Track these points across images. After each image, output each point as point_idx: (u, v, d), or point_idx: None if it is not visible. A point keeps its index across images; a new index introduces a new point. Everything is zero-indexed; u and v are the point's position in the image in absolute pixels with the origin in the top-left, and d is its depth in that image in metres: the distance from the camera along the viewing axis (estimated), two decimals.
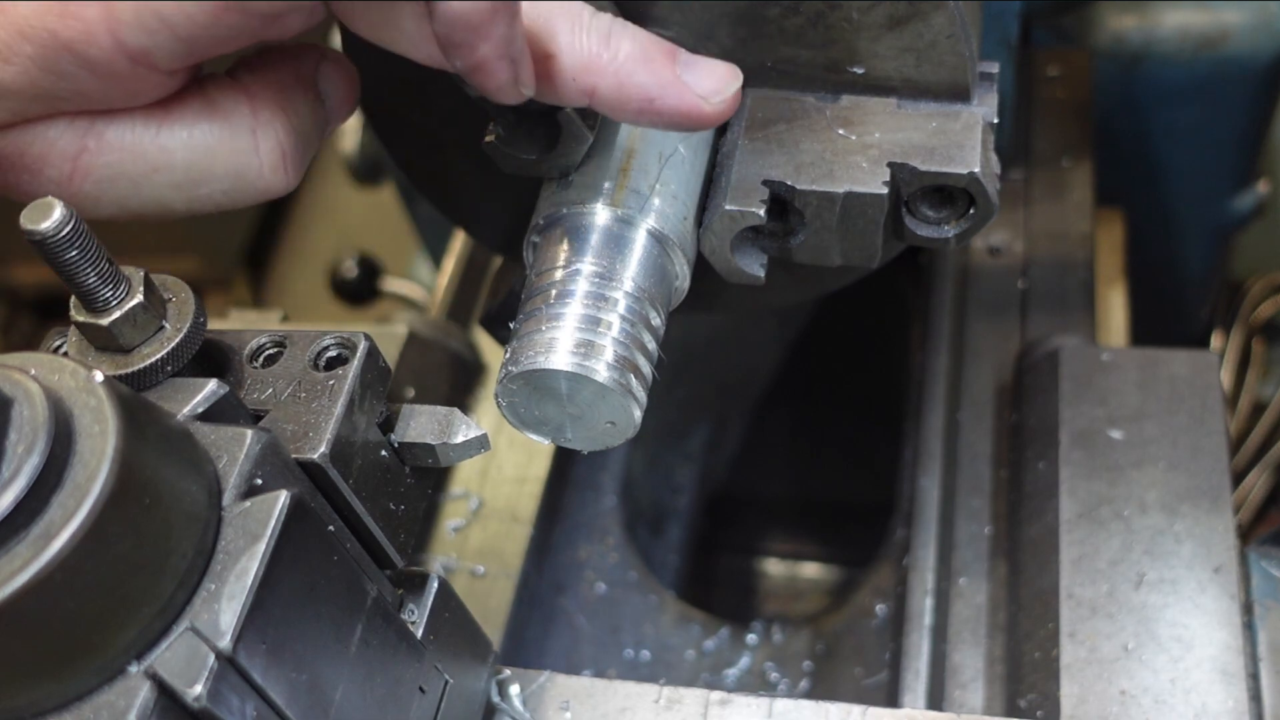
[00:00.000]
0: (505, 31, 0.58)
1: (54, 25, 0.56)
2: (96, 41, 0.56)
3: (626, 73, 0.63)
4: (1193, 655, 0.83)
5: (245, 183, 0.64)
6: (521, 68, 0.60)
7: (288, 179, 0.66)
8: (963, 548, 0.99)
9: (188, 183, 0.63)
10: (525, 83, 0.61)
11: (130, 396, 0.50)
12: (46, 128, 0.60)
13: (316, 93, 0.67)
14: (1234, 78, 1.43)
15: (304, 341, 0.63)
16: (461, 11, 0.56)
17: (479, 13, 0.56)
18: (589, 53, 0.63)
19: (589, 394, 0.68)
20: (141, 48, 0.57)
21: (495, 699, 0.77)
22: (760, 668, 1.16)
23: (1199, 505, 0.89)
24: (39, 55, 0.56)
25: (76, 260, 0.55)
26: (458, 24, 0.57)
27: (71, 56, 0.56)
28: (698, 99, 0.66)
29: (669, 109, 0.65)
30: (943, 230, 0.74)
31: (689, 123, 0.67)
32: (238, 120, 0.63)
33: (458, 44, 0.58)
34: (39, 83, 0.57)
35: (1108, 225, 1.39)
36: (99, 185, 0.62)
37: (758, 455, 1.60)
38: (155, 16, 0.55)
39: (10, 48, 0.56)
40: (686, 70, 0.66)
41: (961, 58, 0.71)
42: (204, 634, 0.50)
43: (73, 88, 0.58)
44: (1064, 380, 0.97)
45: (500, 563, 1.07)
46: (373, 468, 0.63)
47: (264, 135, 0.64)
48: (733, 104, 0.67)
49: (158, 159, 0.62)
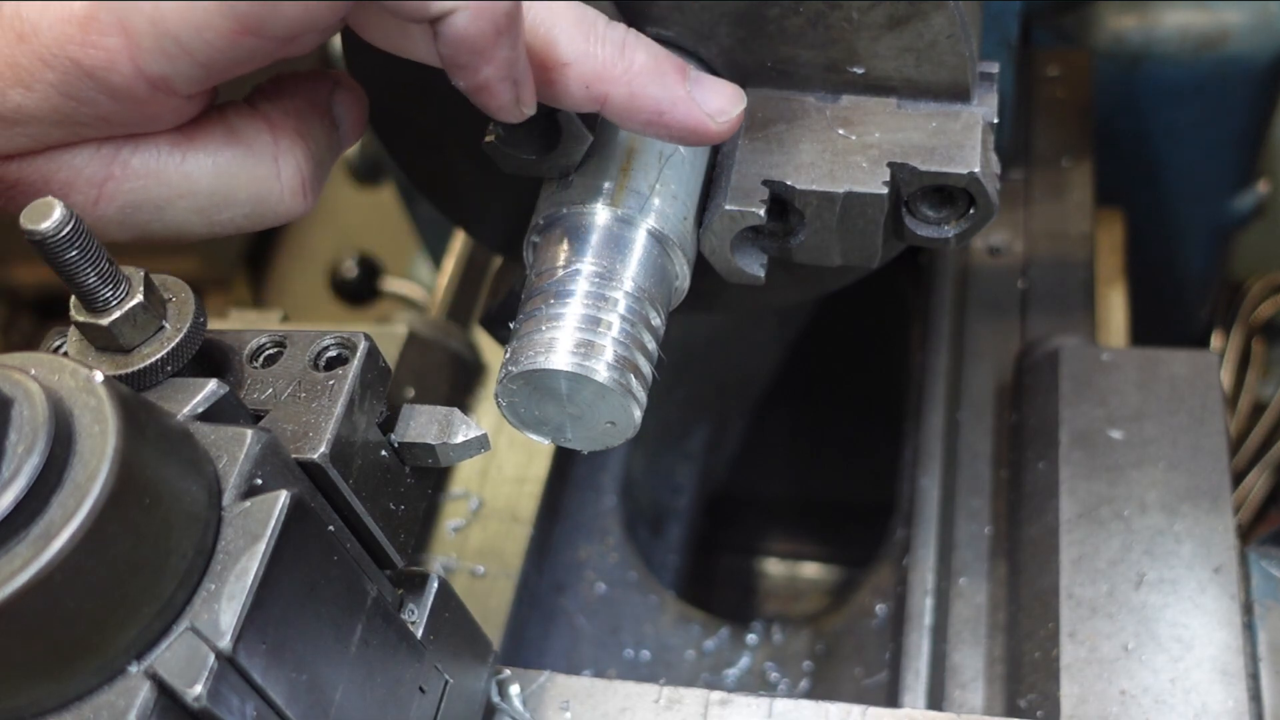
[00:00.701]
0: (508, 54, 0.59)
1: (75, 54, 0.56)
2: (117, 69, 0.57)
3: (639, 84, 0.65)
4: (1193, 655, 0.83)
5: (266, 207, 0.66)
6: (523, 88, 0.62)
7: (307, 203, 0.67)
8: (963, 548, 0.99)
9: (210, 207, 0.64)
10: (526, 102, 0.63)
11: (130, 396, 0.50)
12: (73, 155, 0.61)
13: (331, 118, 0.69)
14: (1234, 78, 1.43)
15: (304, 341, 0.63)
16: (465, 34, 0.57)
17: (483, 36, 0.58)
18: (604, 62, 0.64)
19: (589, 394, 0.68)
20: (161, 74, 0.57)
21: (495, 699, 0.77)
22: (760, 668, 1.16)
23: (1199, 505, 0.89)
24: (61, 82, 0.57)
25: (76, 260, 0.55)
26: (461, 46, 0.58)
27: (93, 83, 0.57)
28: (705, 116, 0.67)
29: (677, 123, 0.67)
30: (943, 230, 0.74)
31: (693, 138, 0.68)
32: (260, 147, 0.65)
33: (461, 65, 0.59)
34: (61, 108, 0.58)
35: (1108, 225, 1.39)
36: (123, 211, 0.63)
37: (758, 455, 1.60)
38: (175, 43, 0.56)
39: (33, 75, 0.57)
40: (696, 87, 0.67)
41: (961, 58, 0.71)
42: (204, 634, 0.50)
43: (94, 113, 0.59)
44: (1064, 380, 0.97)
45: (500, 563, 1.07)
46: (373, 468, 0.63)
47: (285, 161, 0.65)
48: (736, 124, 0.69)
49: (182, 185, 0.63)
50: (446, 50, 0.58)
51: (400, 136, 0.85)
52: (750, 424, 1.60)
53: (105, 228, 0.63)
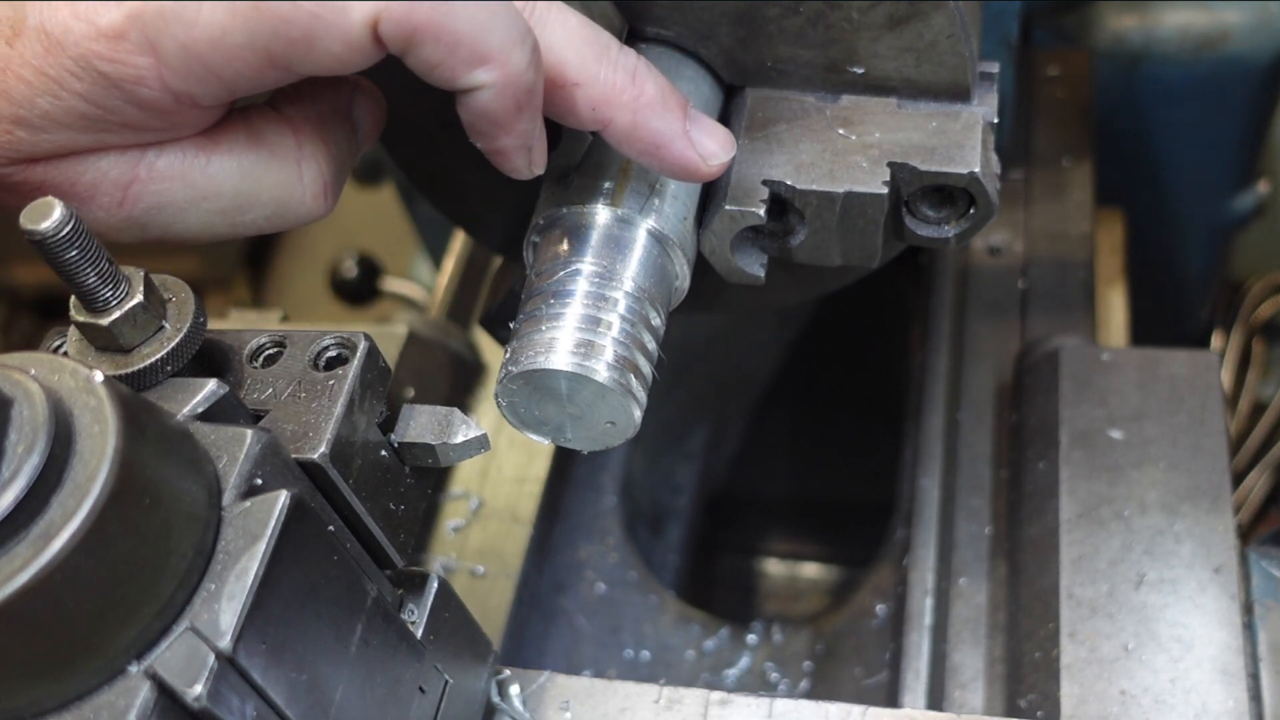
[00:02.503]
0: (527, 127, 0.62)
1: (104, 69, 0.57)
2: (146, 83, 0.58)
3: (644, 115, 0.66)
4: (1193, 655, 0.83)
5: (288, 209, 0.66)
6: (535, 153, 0.65)
7: (328, 205, 0.68)
8: (963, 548, 0.99)
9: (233, 209, 0.65)
10: (537, 164, 0.66)
11: (130, 396, 0.50)
12: (99, 159, 0.62)
13: (351, 122, 0.69)
14: (1234, 78, 1.43)
15: (304, 341, 0.63)
16: (487, 109, 0.60)
17: (504, 112, 0.60)
18: (614, 88, 0.65)
19: (589, 394, 0.68)
20: (188, 91, 0.58)
21: (495, 699, 0.76)
22: (760, 668, 1.16)
23: (1199, 505, 0.89)
24: (88, 92, 0.58)
25: (76, 260, 0.55)
26: (483, 118, 0.61)
27: (120, 94, 0.58)
28: (698, 157, 0.68)
29: (672, 159, 0.68)
30: (943, 230, 0.74)
31: (682, 174, 0.69)
32: (284, 151, 0.65)
33: (481, 133, 0.62)
34: (88, 115, 0.59)
35: (1108, 225, 1.39)
36: (147, 213, 0.64)
37: (758, 455, 1.60)
38: (203, 67, 0.57)
39: (61, 84, 0.58)
40: (694, 126, 0.68)
41: (961, 58, 0.71)
42: (204, 634, 0.50)
43: (119, 121, 0.60)
44: (1064, 380, 0.97)
45: (500, 563, 1.07)
46: (373, 468, 0.63)
47: (308, 165, 0.66)
48: (724, 168, 0.70)
49: (206, 188, 0.64)
50: (468, 118, 0.61)
51: (400, 137, 0.85)
52: (750, 424, 1.60)
53: (129, 229, 0.64)
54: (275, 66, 0.57)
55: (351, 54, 0.57)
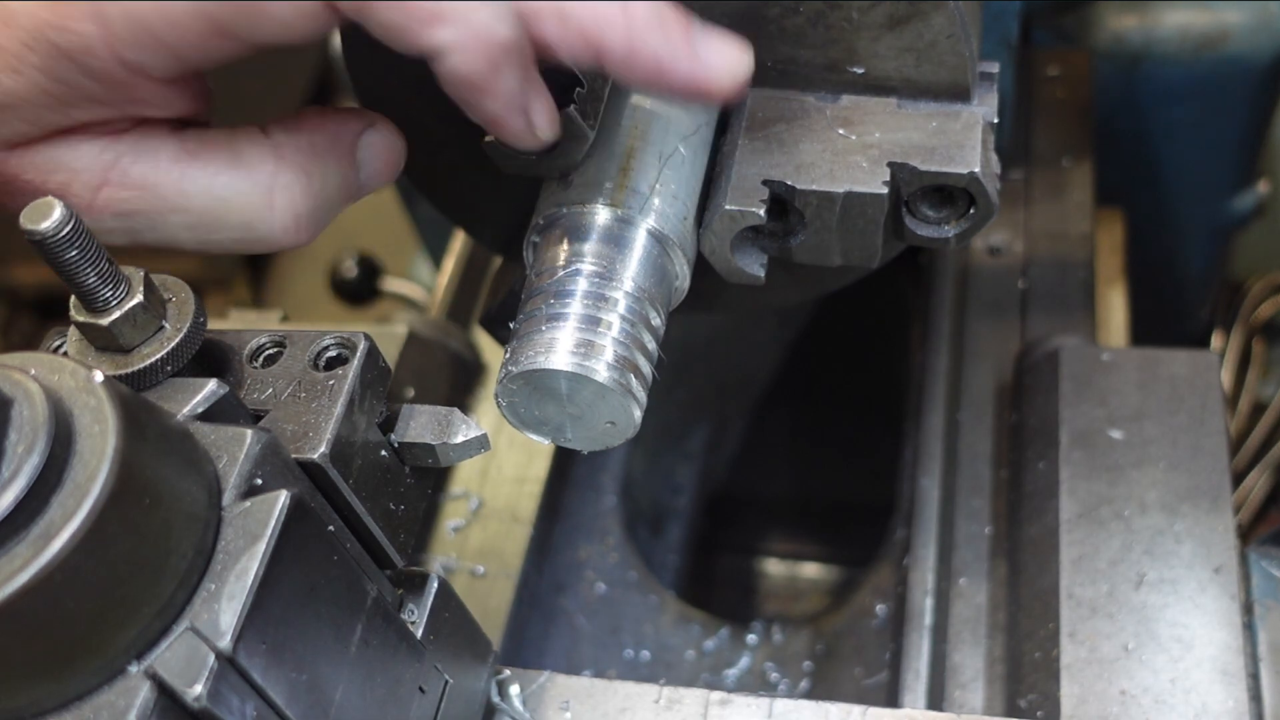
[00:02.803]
0: (512, 86, 0.59)
1: (53, 37, 0.57)
2: (94, 53, 0.57)
3: (639, 34, 0.61)
4: (1193, 655, 0.83)
5: (255, 234, 0.65)
6: (535, 116, 0.61)
7: (299, 238, 0.66)
8: (963, 548, 0.99)
9: (201, 226, 0.64)
10: (541, 128, 0.62)
11: (130, 396, 0.50)
12: (72, 157, 0.62)
13: (352, 159, 0.67)
14: (1234, 78, 1.43)
15: (304, 341, 0.63)
16: (458, 73, 0.57)
17: (478, 74, 0.57)
18: (602, 9, 0.60)
19: (589, 394, 0.68)
20: (138, 61, 0.58)
21: (495, 699, 0.77)
22: (760, 668, 1.16)
23: (1199, 505, 0.89)
24: (44, 65, 0.58)
25: (76, 260, 0.55)
26: (458, 84, 0.58)
27: (73, 65, 0.58)
28: (706, 75, 0.63)
29: (679, 79, 0.63)
30: (943, 230, 0.74)
31: (697, 95, 0.64)
32: (259, 176, 0.64)
33: (464, 101, 0.59)
34: (49, 90, 0.59)
35: (1108, 225, 1.38)
36: (115, 218, 0.63)
37: (758, 455, 1.60)
38: (149, 35, 0.57)
39: (19, 58, 0.58)
40: (700, 42, 0.63)
41: (961, 58, 0.71)
42: (204, 634, 0.50)
43: (80, 94, 0.59)
44: (1064, 380, 0.97)
45: (500, 563, 1.07)
46: (373, 468, 0.63)
47: (280, 195, 0.65)
48: (740, 84, 0.65)
49: (176, 201, 0.63)
50: (446, 87, 0.58)
51: None
52: (750, 424, 1.60)
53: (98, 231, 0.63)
54: (224, 35, 0.56)
55: (302, 20, 0.56)
